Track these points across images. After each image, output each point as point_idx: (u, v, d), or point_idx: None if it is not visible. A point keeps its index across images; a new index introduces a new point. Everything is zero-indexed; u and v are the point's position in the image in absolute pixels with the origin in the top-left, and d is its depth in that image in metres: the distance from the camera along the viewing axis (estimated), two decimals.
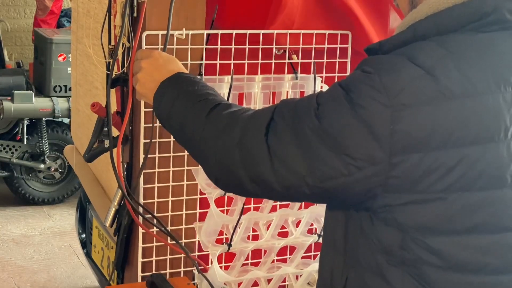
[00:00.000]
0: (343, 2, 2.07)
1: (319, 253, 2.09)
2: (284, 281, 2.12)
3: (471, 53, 1.22)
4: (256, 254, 2.07)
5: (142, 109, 1.90)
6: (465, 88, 1.19)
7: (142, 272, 2.01)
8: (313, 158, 1.22)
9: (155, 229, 1.95)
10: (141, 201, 1.96)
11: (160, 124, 1.92)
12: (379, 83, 1.19)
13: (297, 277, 2.12)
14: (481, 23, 1.24)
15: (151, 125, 1.90)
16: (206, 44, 1.93)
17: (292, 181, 1.25)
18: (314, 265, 2.07)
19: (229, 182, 1.35)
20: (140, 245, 1.99)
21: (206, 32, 1.92)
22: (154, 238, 1.99)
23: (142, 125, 1.90)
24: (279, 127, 1.27)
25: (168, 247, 2.01)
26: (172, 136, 1.94)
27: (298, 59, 2.05)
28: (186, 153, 1.98)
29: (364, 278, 1.29)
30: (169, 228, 1.97)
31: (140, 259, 2.00)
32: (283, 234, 2.07)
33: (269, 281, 2.09)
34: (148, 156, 1.93)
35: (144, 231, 1.96)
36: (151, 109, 1.87)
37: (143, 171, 1.94)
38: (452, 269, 1.24)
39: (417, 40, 1.25)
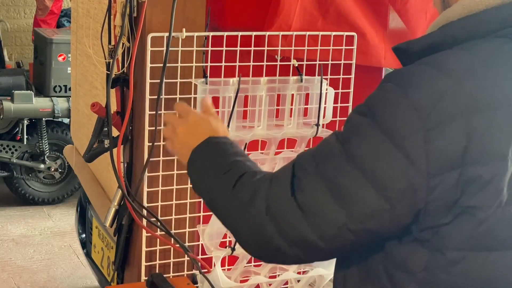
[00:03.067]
0: (341, 5, 2.06)
1: None
2: (286, 283, 2.12)
3: (502, 62, 1.18)
4: None
5: (147, 112, 1.89)
6: (497, 98, 1.14)
7: (145, 276, 2.00)
8: (348, 202, 1.16)
9: (158, 231, 1.95)
10: (145, 204, 1.95)
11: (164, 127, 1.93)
12: (407, 102, 1.13)
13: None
14: None
15: (155, 128, 1.89)
16: (205, 46, 1.92)
17: (334, 231, 1.17)
18: (316, 270, 2.06)
19: (268, 252, 1.28)
20: (144, 248, 1.98)
21: (211, 34, 1.91)
22: (158, 242, 1.98)
23: (147, 128, 1.90)
24: (304, 181, 1.21)
25: (172, 250, 2.00)
26: None
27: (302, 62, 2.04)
28: None
29: None
30: (172, 231, 1.96)
31: (143, 263, 1.99)
32: None
33: (270, 283, 2.09)
34: (153, 159, 1.93)
35: (148, 234, 1.96)
36: (154, 112, 1.87)
37: (147, 174, 1.93)
38: None
39: (446, 43, 1.20)
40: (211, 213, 1.93)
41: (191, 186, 1.49)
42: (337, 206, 1.16)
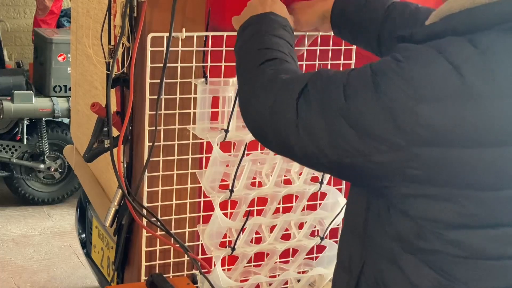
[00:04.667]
0: None
1: (320, 255, 2.10)
2: (286, 283, 2.12)
3: (501, 54, 1.21)
4: (259, 255, 2.07)
5: (147, 112, 1.89)
6: (491, 89, 1.18)
7: (145, 276, 2.00)
8: (335, 132, 1.24)
9: (159, 231, 1.95)
10: (145, 204, 1.95)
11: (164, 127, 1.93)
12: (407, 72, 1.20)
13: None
14: None
15: (155, 128, 1.89)
16: (205, 46, 1.92)
17: (312, 149, 1.28)
18: (316, 269, 2.07)
19: (256, 132, 1.41)
20: (144, 248, 1.98)
21: (211, 34, 1.91)
22: (158, 242, 1.98)
23: (147, 128, 1.90)
24: (310, 95, 1.29)
25: (172, 250, 2.00)
26: (176, 140, 1.95)
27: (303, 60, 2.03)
28: (189, 156, 1.98)
29: (380, 264, 1.31)
30: (172, 231, 1.96)
31: (143, 263, 1.99)
32: (286, 236, 2.06)
33: (270, 283, 2.09)
34: (153, 159, 1.92)
35: (148, 234, 1.96)
36: (154, 112, 1.87)
37: (147, 174, 1.93)
38: (473, 257, 1.24)
39: (448, 34, 1.24)
40: (211, 213, 1.94)
41: (235, 43, 1.60)
42: (325, 131, 1.26)
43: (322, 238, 2.04)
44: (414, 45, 1.26)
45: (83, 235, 3.22)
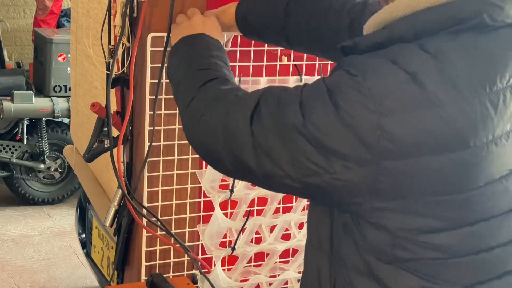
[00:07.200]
0: None
1: None
2: (286, 283, 2.12)
3: (453, 57, 1.19)
4: (259, 255, 2.07)
5: (147, 112, 1.89)
6: (451, 93, 1.16)
7: (145, 276, 2.00)
8: (297, 152, 1.20)
9: (159, 231, 1.95)
10: (145, 204, 1.95)
11: (164, 127, 1.93)
12: (364, 87, 1.16)
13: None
14: (461, 27, 1.20)
15: (155, 127, 1.90)
16: None
17: (275, 171, 1.23)
18: None
19: (210, 157, 1.36)
20: (144, 248, 1.98)
21: None
22: (158, 242, 1.98)
23: (147, 128, 1.90)
24: (263, 115, 1.25)
25: (172, 250, 2.00)
26: (176, 139, 1.95)
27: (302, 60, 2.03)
28: (189, 156, 1.98)
29: (353, 279, 1.28)
30: (173, 231, 1.96)
31: (143, 263, 1.99)
32: (286, 236, 2.06)
33: (270, 283, 2.09)
34: (153, 159, 1.93)
35: (148, 234, 1.96)
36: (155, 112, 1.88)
37: (147, 174, 1.94)
38: (453, 257, 1.23)
39: (394, 41, 1.22)
40: (211, 213, 1.94)
41: (166, 67, 1.61)
42: (285, 152, 1.22)
43: None
44: (365, 58, 1.22)
45: (83, 235, 3.22)
